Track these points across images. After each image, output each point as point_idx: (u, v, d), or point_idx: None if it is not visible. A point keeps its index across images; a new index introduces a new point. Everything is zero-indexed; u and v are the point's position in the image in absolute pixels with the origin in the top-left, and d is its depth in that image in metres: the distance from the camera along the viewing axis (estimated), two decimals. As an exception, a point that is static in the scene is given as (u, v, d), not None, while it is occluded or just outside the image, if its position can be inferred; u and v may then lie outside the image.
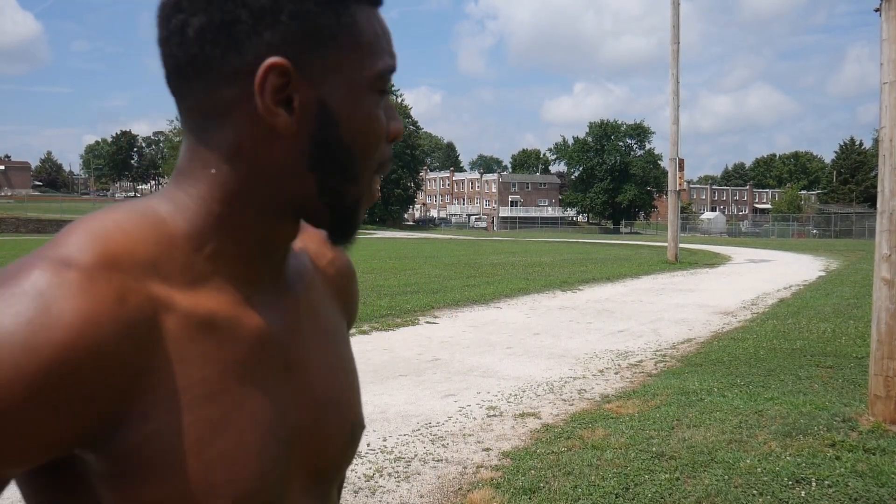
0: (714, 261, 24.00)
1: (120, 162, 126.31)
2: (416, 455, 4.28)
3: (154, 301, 0.59)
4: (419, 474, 3.98)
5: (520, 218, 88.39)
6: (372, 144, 0.65)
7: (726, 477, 3.72)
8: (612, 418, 4.89)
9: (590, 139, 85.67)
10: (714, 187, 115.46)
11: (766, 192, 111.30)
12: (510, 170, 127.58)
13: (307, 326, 0.72)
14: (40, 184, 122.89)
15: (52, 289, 0.54)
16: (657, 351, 7.78)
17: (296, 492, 0.69)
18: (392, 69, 0.65)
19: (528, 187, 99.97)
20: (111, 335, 0.55)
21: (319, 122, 0.62)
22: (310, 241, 0.78)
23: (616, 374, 6.64)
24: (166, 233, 0.62)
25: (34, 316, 0.53)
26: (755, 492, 3.54)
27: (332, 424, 0.73)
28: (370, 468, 4.04)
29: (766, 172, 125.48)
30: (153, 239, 0.61)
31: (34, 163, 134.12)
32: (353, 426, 0.76)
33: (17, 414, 0.53)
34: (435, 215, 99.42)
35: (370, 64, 0.63)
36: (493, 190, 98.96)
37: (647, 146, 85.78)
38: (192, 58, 0.61)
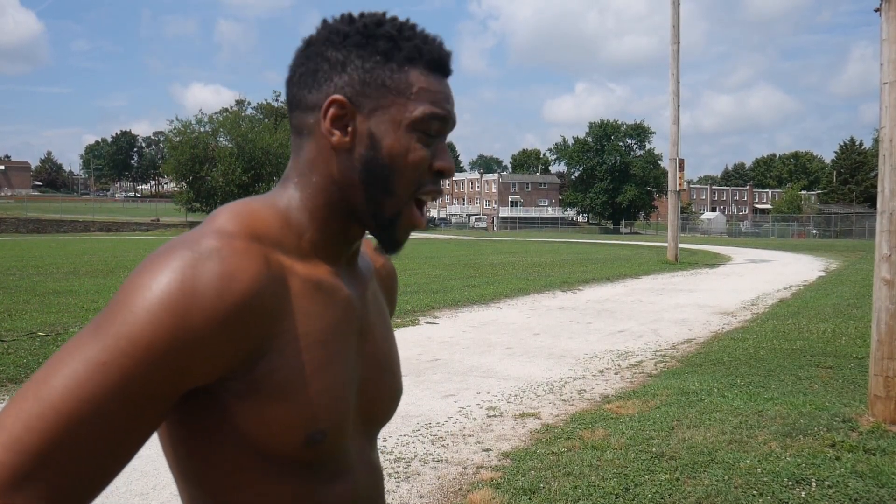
0: (714, 261, 23.99)
1: (120, 162, 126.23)
2: (416, 455, 4.28)
3: (282, 266, 0.81)
4: (419, 475, 3.98)
5: (520, 218, 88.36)
6: (406, 168, 0.84)
7: (726, 477, 3.72)
8: (612, 418, 4.89)
9: (590, 139, 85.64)
10: (714, 187, 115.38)
11: (766, 193, 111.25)
12: (510, 170, 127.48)
13: (371, 305, 0.95)
14: (40, 184, 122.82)
15: (228, 252, 0.76)
16: (657, 351, 7.78)
17: (357, 433, 0.91)
18: (434, 116, 0.84)
19: (528, 187, 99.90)
20: (266, 287, 0.77)
21: (367, 144, 0.83)
22: (368, 248, 1.03)
23: (616, 374, 6.64)
24: (285, 220, 0.85)
25: (222, 271, 0.74)
26: (755, 492, 3.54)
27: (384, 384, 0.96)
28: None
29: (766, 172, 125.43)
30: (277, 224, 0.84)
31: (34, 163, 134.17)
32: (398, 388, 0.99)
33: (207, 342, 0.73)
34: (435, 215, 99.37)
35: (413, 108, 0.83)
36: (493, 190, 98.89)
37: (647, 146, 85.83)
38: (293, 94, 0.88)
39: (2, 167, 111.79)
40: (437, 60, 0.86)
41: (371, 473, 0.93)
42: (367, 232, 0.90)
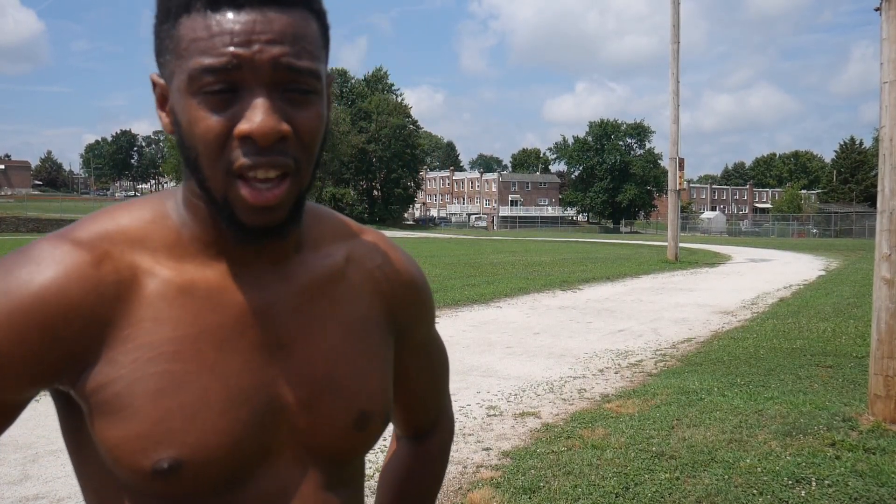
0: (714, 260, 23.99)
1: (120, 161, 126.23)
2: (416, 454, 4.28)
3: (134, 267, 0.71)
4: (419, 474, 3.97)
5: (520, 217, 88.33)
6: (199, 143, 0.67)
7: (726, 476, 3.72)
8: (612, 418, 4.89)
9: (590, 139, 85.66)
10: (714, 187, 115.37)
11: (767, 192, 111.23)
12: (510, 169, 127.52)
13: (315, 311, 0.78)
14: (40, 183, 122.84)
15: (43, 255, 0.69)
16: (657, 350, 7.78)
17: (286, 462, 0.75)
18: (204, 70, 0.65)
19: (528, 187, 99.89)
20: (79, 292, 0.68)
21: (175, 122, 0.70)
22: (360, 246, 0.85)
23: (616, 373, 6.64)
24: (163, 216, 0.74)
25: (23, 273, 0.68)
26: (755, 491, 3.54)
27: (329, 406, 0.76)
28: (369, 467, 4.04)
29: (766, 172, 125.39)
30: (150, 219, 0.74)
31: (34, 162, 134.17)
32: (360, 413, 0.78)
33: None
34: (435, 215, 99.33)
35: (185, 68, 0.66)
36: (493, 189, 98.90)
37: (647, 145, 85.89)
38: None
39: (2, 166, 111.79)
40: None
41: None
42: None
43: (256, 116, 0.65)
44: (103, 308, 0.69)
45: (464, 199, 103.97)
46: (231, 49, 0.64)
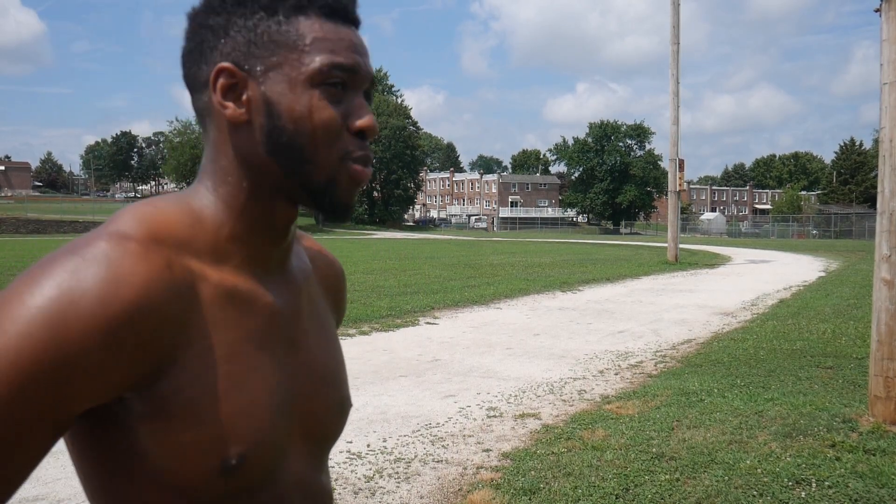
0: (714, 261, 23.99)
1: (120, 162, 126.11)
2: (416, 456, 4.28)
3: (191, 272, 0.72)
4: (419, 475, 3.98)
5: (520, 218, 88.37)
6: (317, 131, 0.75)
7: (726, 478, 3.72)
8: (612, 419, 4.89)
9: (590, 140, 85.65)
10: (714, 188, 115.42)
11: (766, 193, 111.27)
12: (510, 170, 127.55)
13: (307, 312, 0.86)
14: (40, 184, 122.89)
15: (117, 255, 0.67)
16: (657, 351, 7.78)
17: (296, 455, 0.81)
18: (335, 66, 0.75)
19: (528, 188, 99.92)
20: (164, 295, 0.69)
21: (265, 112, 0.75)
22: (308, 246, 0.95)
23: (616, 374, 6.64)
24: (196, 217, 0.76)
25: (106, 276, 0.66)
26: (755, 492, 3.54)
27: (327, 397, 0.86)
28: (370, 469, 4.04)
29: (765, 173, 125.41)
30: (187, 222, 0.75)
31: (34, 163, 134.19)
32: (343, 401, 0.90)
33: (91, 356, 0.64)
34: (435, 216, 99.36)
35: (308, 61, 0.75)
36: (493, 190, 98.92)
37: (648, 146, 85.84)
38: (185, 75, 0.80)
39: (2, 167, 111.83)
40: (331, 5, 0.77)
41: (311, 500, 0.83)
42: (298, 209, 0.81)
43: (368, 115, 0.77)
44: (177, 312, 0.70)
45: (464, 201, 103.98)
46: (355, 55, 0.77)
